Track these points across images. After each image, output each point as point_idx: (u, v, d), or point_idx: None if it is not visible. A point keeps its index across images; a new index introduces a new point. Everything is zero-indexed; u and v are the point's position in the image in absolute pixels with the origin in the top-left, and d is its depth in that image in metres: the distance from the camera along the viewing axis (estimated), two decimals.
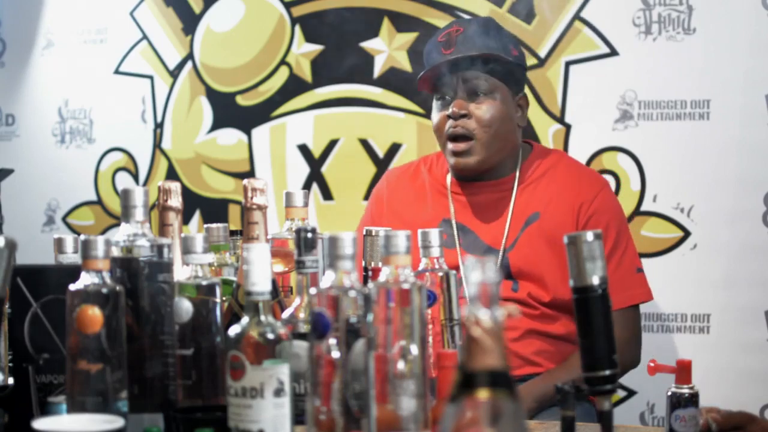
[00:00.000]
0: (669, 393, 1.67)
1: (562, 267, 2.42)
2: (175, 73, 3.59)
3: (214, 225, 2.13)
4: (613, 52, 3.06)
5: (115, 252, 1.56)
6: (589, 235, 1.44)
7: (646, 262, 2.99)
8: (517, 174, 2.50)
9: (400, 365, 1.39)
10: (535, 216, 2.45)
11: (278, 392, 1.42)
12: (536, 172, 2.51)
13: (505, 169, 2.51)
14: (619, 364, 2.38)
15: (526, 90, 2.59)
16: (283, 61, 3.44)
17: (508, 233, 2.45)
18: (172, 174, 3.58)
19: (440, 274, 1.79)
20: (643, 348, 2.56)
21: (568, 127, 3.12)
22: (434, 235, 1.79)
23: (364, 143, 3.35)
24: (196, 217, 3.53)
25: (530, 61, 3.12)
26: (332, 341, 1.41)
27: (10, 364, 1.74)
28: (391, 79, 3.31)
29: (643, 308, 2.88)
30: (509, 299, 2.41)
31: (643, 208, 3.01)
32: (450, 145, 2.45)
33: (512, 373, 2.52)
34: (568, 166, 2.55)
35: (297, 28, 3.43)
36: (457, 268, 2.40)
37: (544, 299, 2.41)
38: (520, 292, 2.42)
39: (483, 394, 0.99)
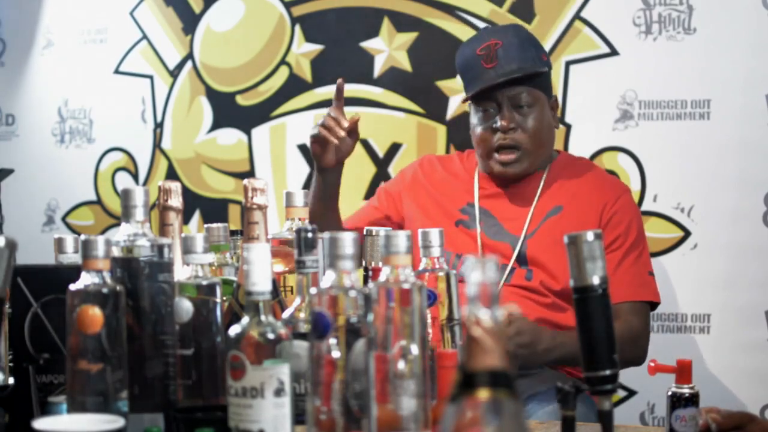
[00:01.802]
0: (669, 393, 1.67)
1: None
2: (175, 73, 3.59)
3: (214, 225, 2.13)
4: (614, 52, 3.07)
5: (116, 252, 1.56)
6: (590, 235, 1.44)
7: None
8: (545, 173, 2.59)
9: (401, 365, 1.39)
10: (558, 209, 2.54)
11: (278, 392, 1.42)
12: (564, 172, 2.61)
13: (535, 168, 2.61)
14: (626, 355, 2.42)
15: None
16: (283, 61, 3.44)
17: (530, 222, 2.53)
18: (172, 174, 3.58)
19: (440, 274, 1.79)
20: None
21: (568, 126, 3.12)
22: (434, 235, 1.79)
23: (364, 143, 3.35)
24: (196, 217, 3.53)
25: None
26: (332, 341, 1.41)
27: (11, 364, 1.74)
28: (391, 79, 3.31)
29: None
30: (522, 287, 2.48)
31: (644, 208, 3.01)
32: (497, 155, 2.54)
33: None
34: (594, 171, 2.66)
35: (297, 27, 3.43)
36: (474, 250, 2.51)
37: (556, 288, 2.46)
38: (534, 281, 2.48)
39: (483, 394, 0.99)
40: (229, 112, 3.52)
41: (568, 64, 3.11)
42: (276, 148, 3.46)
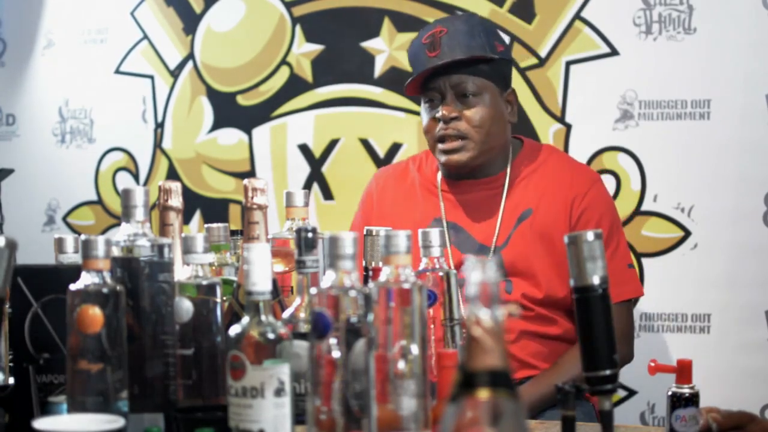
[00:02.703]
0: (669, 393, 1.67)
1: (555, 263, 2.41)
2: (175, 73, 3.59)
3: (214, 225, 2.13)
4: (614, 52, 3.06)
5: (116, 252, 1.56)
6: (590, 235, 1.44)
7: (646, 262, 2.99)
8: (508, 171, 2.48)
9: (401, 365, 1.39)
10: (528, 212, 2.44)
11: (279, 392, 1.42)
12: (527, 169, 2.49)
13: (495, 167, 2.49)
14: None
15: (517, 85, 2.58)
16: (283, 61, 3.44)
17: (500, 231, 2.43)
18: (172, 174, 3.58)
19: (441, 273, 1.79)
20: (643, 348, 2.57)
21: (568, 126, 3.12)
22: (435, 234, 1.79)
23: (365, 143, 3.35)
24: (197, 216, 3.53)
25: (530, 60, 3.13)
26: (333, 341, 1.41)
27: (11, 364, 1.74)
28: (392, 79, 3.31)
29: (644, 308, 2.89)
30: (505, 300, 2.38)
31: (644, 207, 3.01)
32: (440, 145, 2.44)
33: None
34: (559, 161, 2.53)
35: (297, 27, 3.43)
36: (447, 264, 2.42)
37: (537, 297, 2.39)
38: (514, 293, 2.40)
39: (483, 394, 0.99)
40: (229, 112, 3.52)
41: (568, 64, 3.11)
42: (276, 148, 3.46)
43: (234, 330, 1.44)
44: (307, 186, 3.40)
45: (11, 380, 1.76)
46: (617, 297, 2.35)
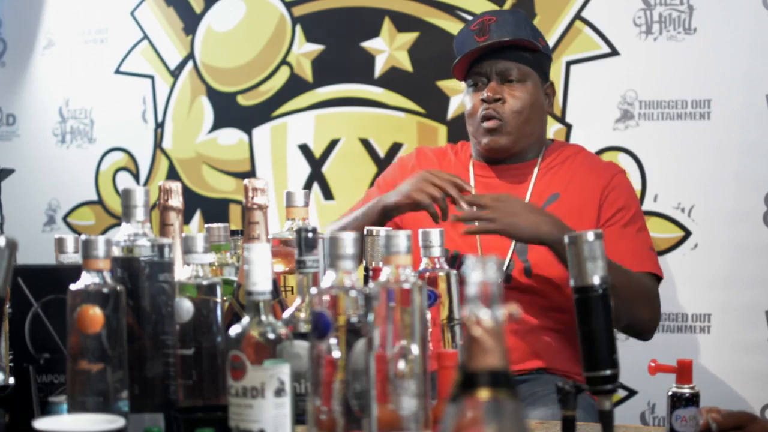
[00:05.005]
0: (669, 393, 1.67)
1: None
2: (175, 73, 3.59)
3: (214, 225, 2.13)
4: (614, 52, 3.07)
5: (116, 252, 1.56)
6: (590, 235, 1.44)
7: None
8: (539, 160, 2.58)
9: (401, 365, 1.39)
10: (555, 196, 2.51)
11: (279, 392, 1.42)
12: (557, 159, 2.59)
13: (528, 154, 2.59)
14: (641, 309, 2.37)
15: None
16: (283, 61, 3.44)
17: None
18: (172, 174, 3.58)
19: (441, 274, 1.79)
20: (643, 348, 2.56)
21: (568, 126, 3.12)
22: (435, 235, 1.79)
23: (365, 143, 3.35)
24: (197, 216, 3.53)
25: None
26: (333, 341, 1.41)
27: (11, 364, 1.74)
28: (392, 79, 3.31)
29: None
30: (523, 289, 2.43)
31: (644, 207, 3.01)
32: (484, 124, 2.53)
33: (520, 366, 2.48)
34: (587, 156, 2.64)
35: (298, 27, 3.43)
36: (474, 247, 2.48)
37: (555, 282, 2.42)
38: (534, 279, 2.44)
39: (484, 394, 0.99)
40: (229, 112, 3.52)
41: (568, 64, 3.11)
42: (277, 148, 3.46)
43: (234, 330, 1.44)
44: (308, 186, 3.40)
45: (11, 380, 1.76)
46: (643, 267, 2.42)
